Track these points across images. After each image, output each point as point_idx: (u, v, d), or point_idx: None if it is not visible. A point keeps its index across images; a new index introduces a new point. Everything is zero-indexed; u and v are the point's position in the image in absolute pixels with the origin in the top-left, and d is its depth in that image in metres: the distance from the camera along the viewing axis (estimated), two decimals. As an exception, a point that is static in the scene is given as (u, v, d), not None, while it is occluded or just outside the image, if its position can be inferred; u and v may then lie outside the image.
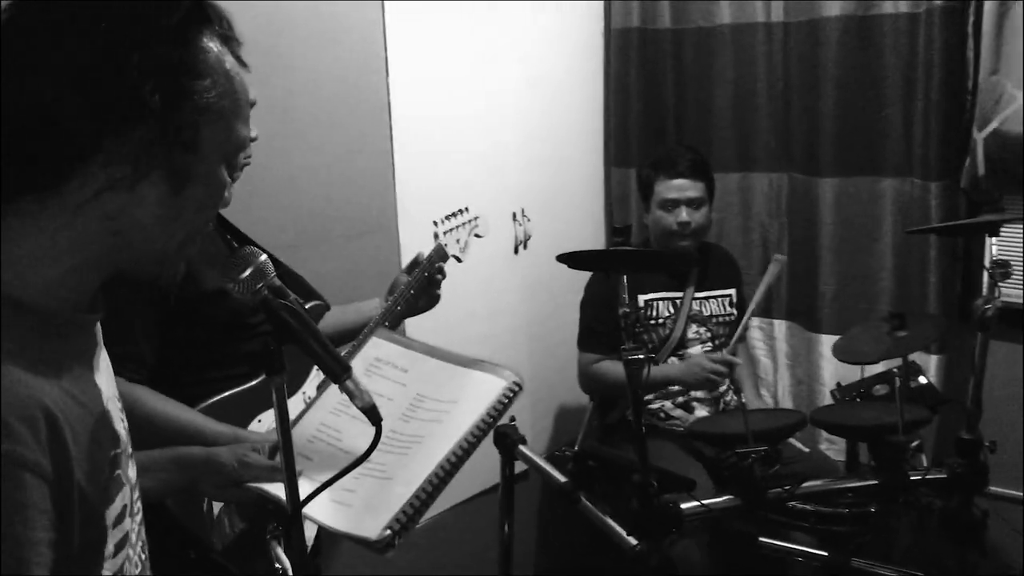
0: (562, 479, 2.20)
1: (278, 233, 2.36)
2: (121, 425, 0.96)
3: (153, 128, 0.85)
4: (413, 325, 2.74)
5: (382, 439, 1.07)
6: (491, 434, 2.18)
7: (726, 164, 3.31)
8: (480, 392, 1.33)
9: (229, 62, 0.92)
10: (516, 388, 1.34)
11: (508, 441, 2.37)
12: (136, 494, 0.98)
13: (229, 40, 0.93)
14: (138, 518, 0.99)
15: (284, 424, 1.10)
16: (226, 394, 1.71)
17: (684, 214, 2.88)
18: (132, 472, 0.97)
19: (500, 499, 2.42)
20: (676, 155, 2.95)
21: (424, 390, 1.37)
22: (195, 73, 0.88)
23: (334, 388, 1.27)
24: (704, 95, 3.36)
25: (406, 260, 2.69)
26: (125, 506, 0.92)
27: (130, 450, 0.99)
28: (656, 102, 3.44)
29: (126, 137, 0.85)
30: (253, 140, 1.81)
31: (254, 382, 1.73)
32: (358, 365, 1.48)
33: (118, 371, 1.55)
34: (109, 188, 0.86)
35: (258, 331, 1.73)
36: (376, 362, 1.45)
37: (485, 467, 2.43)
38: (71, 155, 0.84)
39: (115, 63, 0.84)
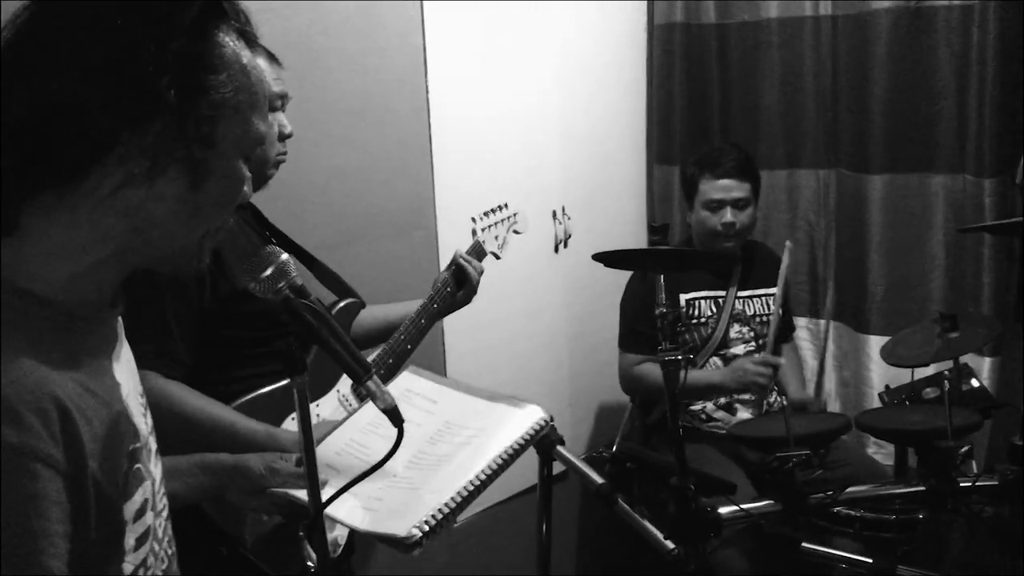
0: (599, 480, 2.17)
1: (317, 232, 2.36)
2: (143, 420, 0.96)
3: (170, 123, 0.85)
4: (452, 327, 2.74)
5: (410, 457, 1.06)
6: None
7: (772, 161, 3.26)
8: (509, 424, 1.35)
9: (246, 57, 0.92)
10: (544, 423, 1.35)
11: (546, 442, 2.34)
12: (161, 489, 0.98)
13: (246, 35, 0.92)
14: (164, 514, 0.99)
15: (306, 424, 1.09)
16: (261, 391, 1.72)
17: (729, 215, 2.83)
18: (156, 467, 0.97)
19: (538, 500, 2.40)
20: (722, 154, 2.89)
21: (454, 419, 1.39)
22: (211, 68, 0.87)
23: (368, 407, 1.27)
24: (750, 91, 3.31)
25: (445, 259, 2.69)
26: (147, 500, 0.92)
27: (153, 445, 0.99)
28: (700, 98, 3.39)
29: (143, 132, 0.85)
30: (288, 136, 1.82)
31: (288, 380, 1.73)
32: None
33: (154, 366, 1.58)
34: (127, 183, 0.86)
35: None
36: (407, 392, 1.46)
37: (523, 467, 2.41)
38: (89, 150, 0.84)
39: (130, 58, 0.84)
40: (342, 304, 1.91)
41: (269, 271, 1.06)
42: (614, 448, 2.83)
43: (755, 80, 3.28)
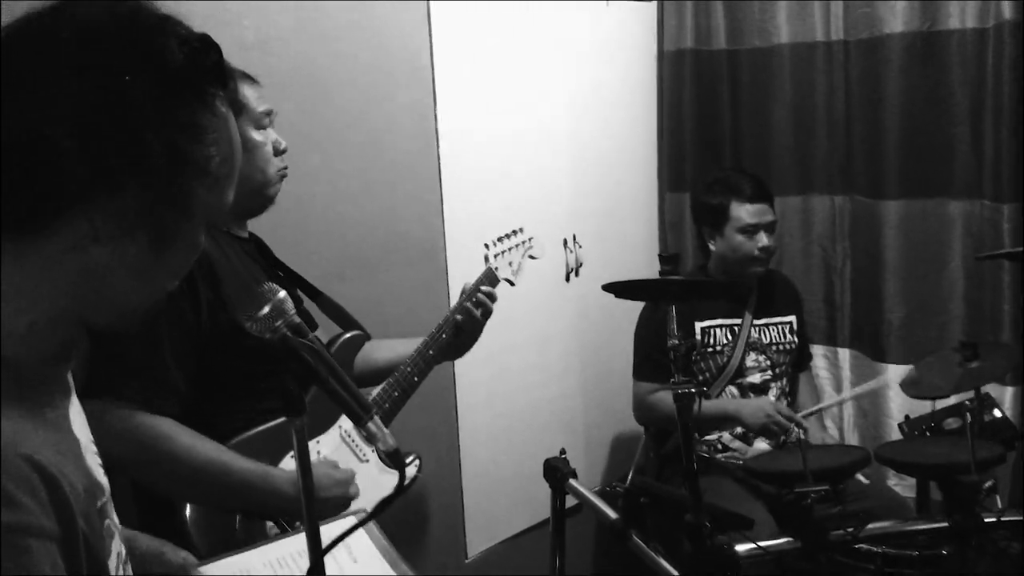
0: (613, 515, 2.12)
1: (323, 261, 2.35)
2: (101, 472, 0.93)
3: (148, 187, 0.81)
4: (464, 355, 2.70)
5: None
6: (542, 467, 2.15)
7: (785, 187, 3.23)
8: None
9: (232, 127, 0.88)
10: None
11: (558, 475, 2.30)
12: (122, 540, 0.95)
13: (235, 103, 0.90)
14: (128, 566, 0.96)
15: (305, 468, 1.05)
16: (259, 429, 1.68)
17: (765, 239, 2.80)
18: (116, 519, 0.94)
19: (551, 534, 2.35)
20: (747, 179, 2.87)
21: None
22: (203, 137, 0.84)
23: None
24: (762, 117, 3.28)
25: (455, 288, 2.67)
26: (119, 553, 0.90)
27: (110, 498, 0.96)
28: (712, 125, 3.37)
29: (119, 191, 0.80)
30: (284, 151, 1.78)
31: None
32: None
33: (144, 401, 1.54)
34: (91, 242, 0.81)
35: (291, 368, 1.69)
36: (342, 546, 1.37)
37: (537, 500, 2.37)
38: (58, 199, 0.79)
39: (122, 109, 0.79)
40: (346, 337, 1.87)
41: (266, 309, 1.03)
42: (627, 481, 2.77)
43: (767, 106, 3.26)
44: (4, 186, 0.79)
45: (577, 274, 3.15)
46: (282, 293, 1.04)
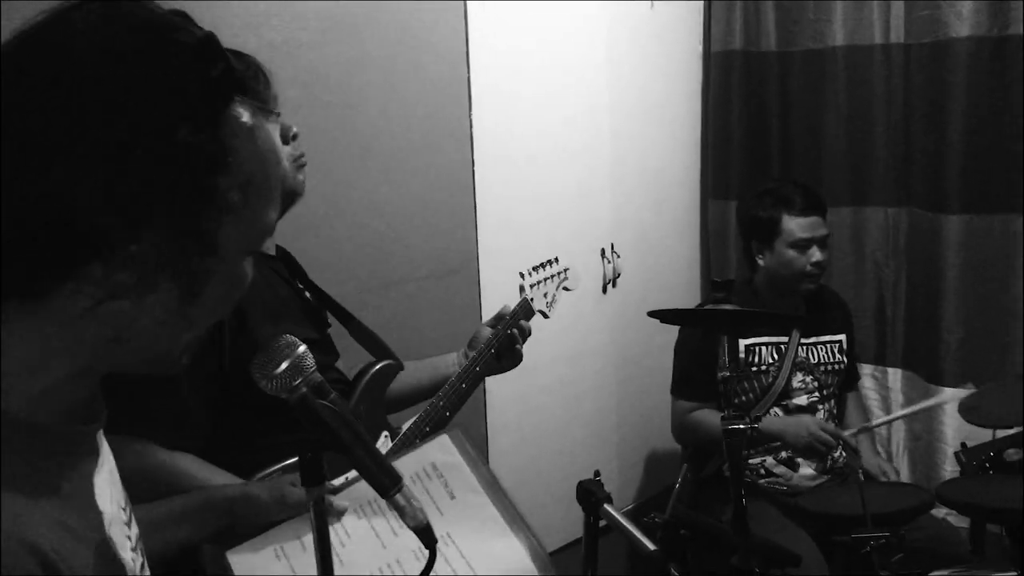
0: (650, 546, 2.00)
1: (354, 275, 2.27)
2: (128, 548, 0.83)
3: (166, 231, 0.71)
4: (493, 370, 2.61)
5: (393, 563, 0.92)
6: (575, 488, 2.05)
7: (837, 197, 3.09)
8: (503, 564, 1.25)
9: (261, 138, 0.76)
10: None
11: (592, 499, 2.19)
12: None
13: (263, 110, 0.77)
14: None
15: (324, 543, 0.93)
16: (285, 463, 1.57)
17: (818, 254, 2.66)
18: None
19: (583, 558, 2.25)
20: (800, 190, 2.72)
21: (456, 531, 1.28)
22: (220, 165, 0.72)
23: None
24: (813, 123, 3.15)
25: (487, 302, 2.60)
26: None
27: (141, 567, 0.85)
28: (760, 130, 3.25)
29: (132, 241, 0.70)
30: (295, 136, 1.65)
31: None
32: (410, 462, 1.35)
33: (162, 436, 1.45)
34: (108, 298, 0.71)
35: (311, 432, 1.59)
36: (431, 469, 1.33)
37: (567, 520, 2.27)
38: (65, 260, 0.70)
39: (127, 149, 0.68)
40: (378, 367, 1.76)
41: (283, 366, 0.91)
42: (667, 511, 2.65)
43: (819, 112, 3.13)
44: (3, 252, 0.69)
45: (615, 285, 3.04)
46: (302, 348, 0.92)
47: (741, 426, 1.78)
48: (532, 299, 1.95)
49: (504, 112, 2.63)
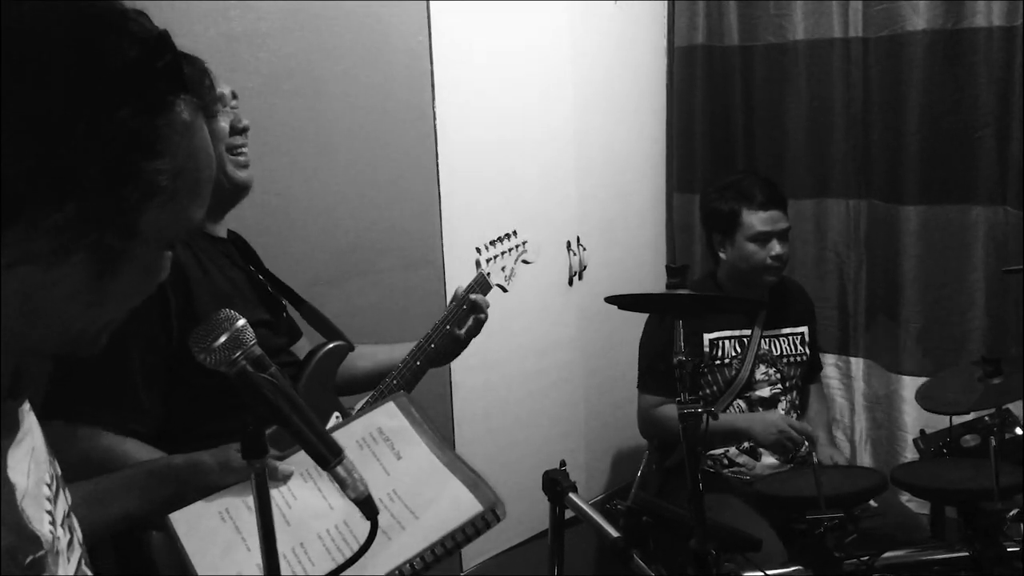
0: (614, 534, 2.02)
1: (316, 265, 2.26)
2: (46, 522, 0.82)
3: (87, 205, 0.71)
4: (460, 363, 2.59)
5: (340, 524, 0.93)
6: (541, 480, 2.06)
7: (798, 190, 3.13)
8: (453, 509, 1.24)
9: (198, 137, 0.78)
10: (490, 518, 1.24)
11: (558, 488, 2.20)
12: None
13: (206, 108, 0.79)
14: None
15: (266, 512, 0.94)
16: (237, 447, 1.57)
17: (778, 247, 2.69)
18: (72, 567, 0.84)
19: (549, 546, 2.26)
20: (759, 184, 2.74)
21: (401, 487, 1.29)
22: (151, 151, 0.73)
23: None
24: (775, 116, 3.19)
25: (452, 293, 2.58)
26: None
27: (64, 537, 0.85)
28: (723, 124, 3.27)
29: (53, 210, 0.71)
30: (245, 129, 1.64)
31: (269, 430, 1.59)
32: (357, 428, 1.37)
33: (111, 422, 1.44)
34: (20, 262, 0.72)
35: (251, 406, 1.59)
36: (377, 434, 1.34)
37: (535, 512, 2.28)
38: None
39: (60, 120, 0.70)
40: (328, 347, 1.76)
41: (222, 339, 0.92)
42: (630, 498, 2.67)
43: (781, 105, 3.16)
44: None
45: (581, 278, 3.05)
46: (241, 321, 0.93)
47: (698, 410, 1.80)
48: (489, 273, 1.94)
49: (468, 104, 2.63)
